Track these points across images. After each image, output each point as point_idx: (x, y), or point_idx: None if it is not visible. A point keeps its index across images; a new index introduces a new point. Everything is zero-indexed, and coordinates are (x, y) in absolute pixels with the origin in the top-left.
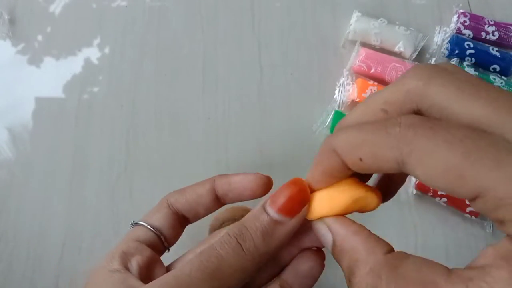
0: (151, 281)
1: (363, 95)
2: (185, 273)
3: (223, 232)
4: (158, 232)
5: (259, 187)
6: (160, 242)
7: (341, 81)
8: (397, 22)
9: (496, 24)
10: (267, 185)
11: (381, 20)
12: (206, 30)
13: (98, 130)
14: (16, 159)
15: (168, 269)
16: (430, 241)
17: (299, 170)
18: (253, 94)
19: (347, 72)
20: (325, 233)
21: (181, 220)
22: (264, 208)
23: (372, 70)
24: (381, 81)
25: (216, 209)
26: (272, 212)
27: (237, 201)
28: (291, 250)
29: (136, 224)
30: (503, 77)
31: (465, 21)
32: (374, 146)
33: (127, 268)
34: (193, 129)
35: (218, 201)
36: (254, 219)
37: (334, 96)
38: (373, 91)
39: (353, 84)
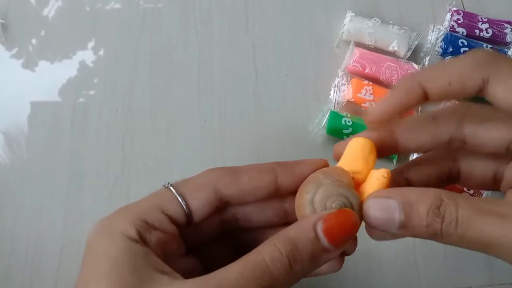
0: (165, 261)
1: (358, 95)
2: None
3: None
4: (190, 214)
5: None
6: (187, 222)
7: (336, 82)
8: (391, 22)
9: (489, 21)
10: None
11: (375, 20)
12: (200, 32)
13: (94, 134)
14: (12, 164)
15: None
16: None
17: None
18: (249, 95)
19: (342, 72)
20: (391, 205)
21: (222, 206)
22: (315, 232)
23: (367, 70)
24: (376, 81)
25: (271, 201)
26: (325, 242)
27: None
28: None
29: (171, 190)
30: None
31: (458, 19)
32: (463, 69)
33: (144, 240)
34: (189, 132)
35: (277, 193)
36: (306, 240)
37: (330, 97)
38: (368, 91)
39: (348, 84)
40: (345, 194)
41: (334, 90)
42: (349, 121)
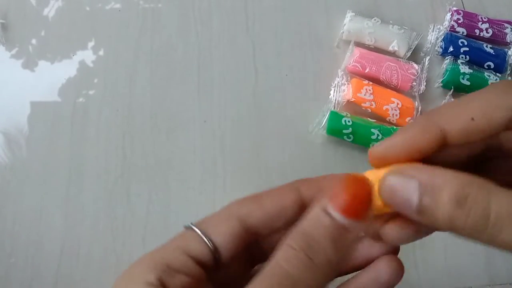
0: None
1: (358, 95)
2: None
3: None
4: (215, 251)
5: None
6: (214, 261)
7: (336, 81)
8: (391, 21)
9: (489, 21)
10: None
11: (375, 20)
12: (200, 32)
13: (94, 134)
14: (12, 164)
15: None
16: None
17: (296, 171)
18: (249, 95)
19: (342, 72)
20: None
21: (250, 237)
22: (326, 212)
23: (367, 70)
24: (376, 81)
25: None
26: (338, 216)
27: None
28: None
29: (193, 229)
30: (497, 74)
31: (458, 19)
32: (486, 101)
33: (166, 286)
34: (189, 132)
35: (302, 212)
36: (319, 226)
37: (330, 97)
38: (368, 91)
39: (348, 84)
40: None
41: (334, 90)
42: (349, 121)
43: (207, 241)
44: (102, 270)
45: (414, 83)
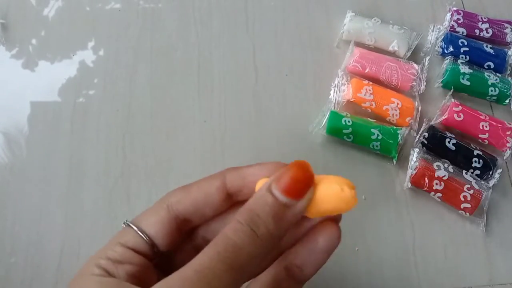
0: None
1: (358, 95)
2: (205, 265)
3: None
4: (149, 241)
5: None
6: (152, 250)
7: (336, 82)
8: (391, 21)
9: (489, 21)
10: None
11: (375, 20)
12: (200, 32)
13: (94, 134)
14: (12, 164)
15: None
16: (428, 239)
17: None
18: (249, 95)
19: (342, 72)
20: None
21: (182, 224)
22: (270, 191)
23: (367, 70)
24: (376, 81)
25: (226, 209)
26: (279, 195)
27: None
28: (293, 232)
29: (128, 225)
30: (497, 74)
31: (458, 19)
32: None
33: (112, 275)
34: (189, 132)
35: (230, 199)
36: (263, 203)
37: (330, 97)
38: (368, 91)
39: (348, 84)
40: None
41: (334, 90)
42: (349, 121)
43: (138, 232)
44: None
45: (414, 83)
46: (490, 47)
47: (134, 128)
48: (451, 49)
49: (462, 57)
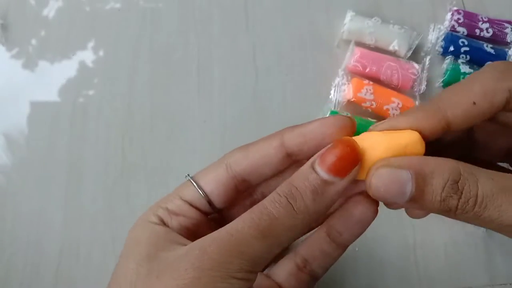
0: None
1: (358, 94)
2: (238, 229)
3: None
4: (205, 197)
5: (342, 131)
6: (208, 206)
7: (336, 81)
8: (391, 21)
9: (490, 21)
10: (351, 128)
11: (375, 19)
12: (200, 32)
13: (94, 134)
14: (12, 165)
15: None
16: (429, 239)
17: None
18: (249, 95)
19: (342, 72)
20: (400, 174)
21: (240, 184)
22: (313, 167)
23: (367, 70)
24: (377, 80)
25: (286, 168)
26: (322, 172)
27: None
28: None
29: (189, 180)
30: None
31: (459, 19)
32: (486, 84)
33: (166, 224)
34: (189, 132)
35: (289, 159)
36: (303, 178)
37: (330, 96)
38: (369, 91)
39: (348, 83)
40: None
41: (335, 89)
42: None
43: (197, 188)
44: (102, 270)
45: (415, 83)
46: (491, 47)
47: (134, 128)
48: (451, 48)
49: (462, 57)
